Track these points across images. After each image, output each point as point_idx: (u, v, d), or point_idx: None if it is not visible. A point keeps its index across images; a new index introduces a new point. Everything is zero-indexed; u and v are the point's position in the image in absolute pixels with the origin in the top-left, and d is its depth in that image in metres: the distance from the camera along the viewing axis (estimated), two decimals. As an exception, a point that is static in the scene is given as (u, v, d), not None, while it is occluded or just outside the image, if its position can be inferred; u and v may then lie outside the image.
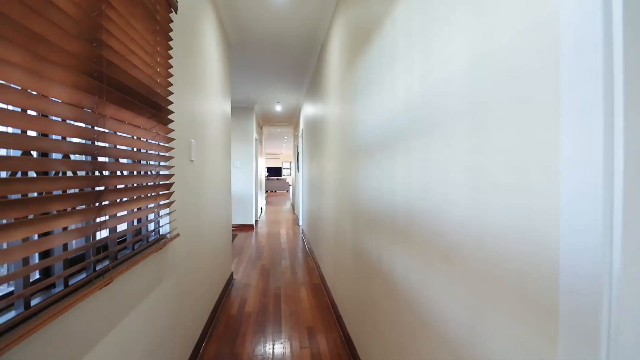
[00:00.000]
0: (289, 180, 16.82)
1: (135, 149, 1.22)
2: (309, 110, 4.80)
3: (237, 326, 2.39)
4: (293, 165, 9.41)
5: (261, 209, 8.72)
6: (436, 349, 0.96)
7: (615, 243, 0.45)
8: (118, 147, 1.10)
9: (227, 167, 3.20)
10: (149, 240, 1.34)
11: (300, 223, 6.31)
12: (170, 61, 1.51)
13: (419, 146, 1.07)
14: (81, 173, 0.93)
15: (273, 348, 2.09)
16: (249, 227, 6.29)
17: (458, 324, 0.84)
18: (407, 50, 1.18)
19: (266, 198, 13.02)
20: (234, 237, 5.53)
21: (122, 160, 1.17)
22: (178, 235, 1.51)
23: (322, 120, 3.42)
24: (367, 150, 1.68)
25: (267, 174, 17.70)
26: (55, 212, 0.77)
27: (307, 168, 5.13)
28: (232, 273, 3.39)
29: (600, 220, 0.46)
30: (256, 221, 6.95)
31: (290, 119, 8.08)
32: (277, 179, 16.29)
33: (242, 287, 3.19)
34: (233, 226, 6.19)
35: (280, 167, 18.16)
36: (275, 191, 16.35)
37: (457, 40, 0.85)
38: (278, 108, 6.63)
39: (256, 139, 6.90)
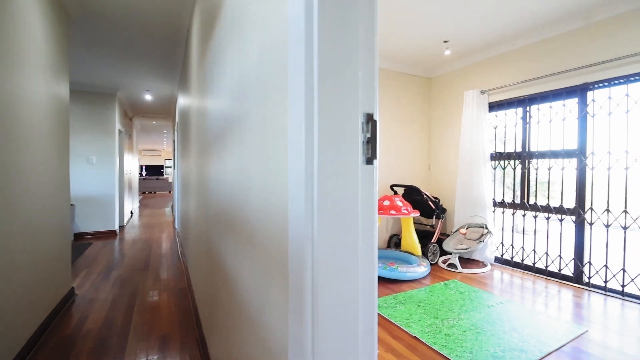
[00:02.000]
0: (172, 179, 15.29)
1: None
2: (181, 102, 4.45)
3: (69, 348, 2.02)
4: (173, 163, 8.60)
5: (131, 212, 7.68)
6: (248, 331, 0.99)
7: (315, 212, 0.54)
8: None
9: (63, 163, 2.68)
10: None
11: (177, 225, 5.81)
12: None
13: (237, 135, 1.09)
14: None
15: (112, 365, 1.84)
16: (110, 234, 5.44)
17: (256, 302, 0.88)
18: (232, 41, 1.19)
19: (141, 200, 11.54)
20: (86, 246, 4.70)
21: None
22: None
23: (188, 113, 3.21)
24: (213, 143, 1.64)
25: (145, 172, 15.70)
26: None
27: (180, 165, 4.76)
28: (72, 288, 2.86)
29: (303, 191, 0.54)
30: (121, 226, 6.08)
31: (167, 111, 7.35)
32: (157, 179, 14.60)
33: (85, 303, 2.72)
34: (87, 234, 5.26)
35: (162, 166, 16.36)
36: (155, 192, 14.64)
37: (254, 37, 0.90)
38: (148, 97, 5.94)
39: (121, 131, 6.02)
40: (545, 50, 3.37)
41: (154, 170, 15.85)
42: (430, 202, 3.97)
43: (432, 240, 3.86)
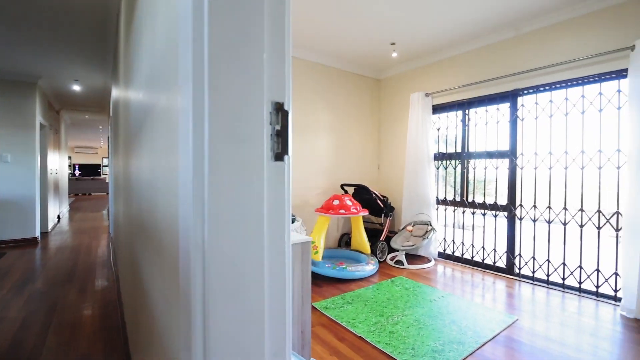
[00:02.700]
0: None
1: None
2: (113, 94, 4.04)
3: (-44, 382, 1.69)
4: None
5: (58, 216, 6.87)
6: (157, 353, 0.86)
7: (206, 218, 0.44)
8: None
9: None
10: None
11: (112, 231, 5.29)
12: None
13: (150, 130, 0.95)
14: None
15: (12, 398, 1.56)
16: (29, 242, 4.78)
17: (162, 320, 0.76)
18: (146, 21, 1.04)
19: (72, 203, 10.43)
20: (-1, 256, 4.07)
21: None
22: None
23: (118, 106, 2.90)
24: (134, 138, 1.46)
25: (79, 172, 14.22)
26: None
27: (112, 164, 4.32)
28: (-29, 307, 2.43)
29: (191, 193, 0.44)
30: (45, 233, 5.39)
31: (101, 104, 6.68)
32: (93, 179, 13.26)
33: (-13, 324, 2.32)
34: (1, 242, 4.58)
35: (100, 165, 14.91)
36: (90, 194, 13.29)
37: (162, 13, 0.77)
38: (77, 88, 5.33)
39: (44, 126, 5.34)
40: (482, 57, 3.58)
41: (90, 170, 14.40)
42: (379, 201, 4.04)
43: (381, 238, 3.93)
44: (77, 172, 14.17)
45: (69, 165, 13.46)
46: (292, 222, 3.20)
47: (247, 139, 0.47)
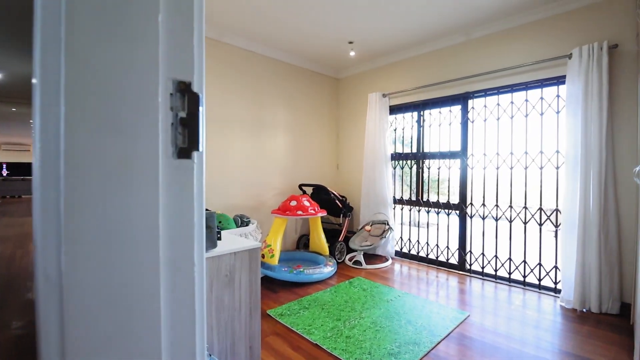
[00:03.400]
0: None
1: None
2: (41, 84, 3.57)
3: None
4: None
5: (-23, 222, 6.00)
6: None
7: (62, 237, 0.31)
8: None
9: None
10: None
11: (43, 236, 4.69)
12: None
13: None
14: None
15: None
16: (-64, 253, 4.09)
17: None
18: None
19: (-1, 206, 9.23)
20: None
21: None
22: None
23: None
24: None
25: (6, 171, 12.64)
26: None
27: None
28: None
29: (39, 204, 0.31)
30: (-43, 241, 4.66)
31: (30, 95, 5.94)
32: (24, 179, 11.83)
33: None
34: None
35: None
36: (20, 196, 11.86)
37: None
38: (-2, 77, 4.68)
39: (-45, 119, 4.60)
40: (436, 60, 3.67)
41: (22, 169, 12.83)
42: (337, 201, 4.00)
43: (340, 239, 3.88)
44: (4, 172, 12.59)
45: (-6, 164, 11.93)
46: (247, 224, 3.03)
47: (132, 129, 0.34)
